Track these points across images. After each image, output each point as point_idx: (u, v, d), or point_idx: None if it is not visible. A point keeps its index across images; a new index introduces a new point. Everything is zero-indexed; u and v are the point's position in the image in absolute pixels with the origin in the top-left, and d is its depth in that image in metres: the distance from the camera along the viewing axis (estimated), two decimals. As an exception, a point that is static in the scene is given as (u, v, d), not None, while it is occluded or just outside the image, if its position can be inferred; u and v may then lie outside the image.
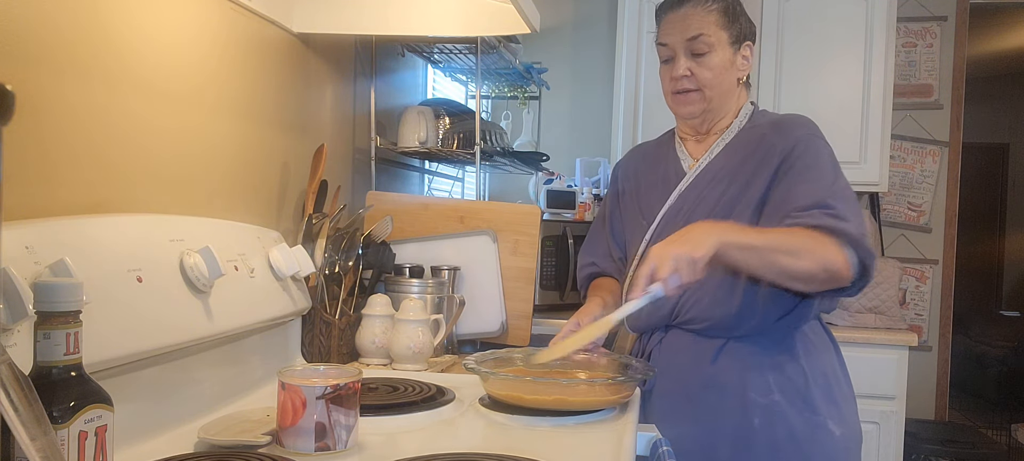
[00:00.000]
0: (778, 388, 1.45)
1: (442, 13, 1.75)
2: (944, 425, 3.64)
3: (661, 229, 1.54)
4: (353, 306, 1.76)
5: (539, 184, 3.16)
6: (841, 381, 1.54)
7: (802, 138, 1.47)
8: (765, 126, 1.53)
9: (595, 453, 1.13)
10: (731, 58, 1.53)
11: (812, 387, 1.47)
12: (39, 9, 1.00)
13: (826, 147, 1.49)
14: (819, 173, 1.43)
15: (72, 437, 0.73)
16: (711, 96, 1.53)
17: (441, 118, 2.38)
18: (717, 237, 1.28)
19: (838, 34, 3.08)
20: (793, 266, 1.34)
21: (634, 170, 1.70)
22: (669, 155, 1.63)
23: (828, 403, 1.48)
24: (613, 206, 1.71)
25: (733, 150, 1.54)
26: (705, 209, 1.50)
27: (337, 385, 1.03)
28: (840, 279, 1.37)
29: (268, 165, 1.63)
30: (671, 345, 1.53)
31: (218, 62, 1.42)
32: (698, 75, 1.51)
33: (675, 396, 1.50)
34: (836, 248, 1.35)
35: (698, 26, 1.50)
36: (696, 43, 1.50)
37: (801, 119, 1.54)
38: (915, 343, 2.84)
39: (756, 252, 1.33)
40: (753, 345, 1.48)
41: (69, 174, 1.06)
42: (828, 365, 1.52)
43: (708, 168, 1.55)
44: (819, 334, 1.55)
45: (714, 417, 1.47)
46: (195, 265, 1.17)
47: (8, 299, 0.81)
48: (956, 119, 3.68)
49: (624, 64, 3.24)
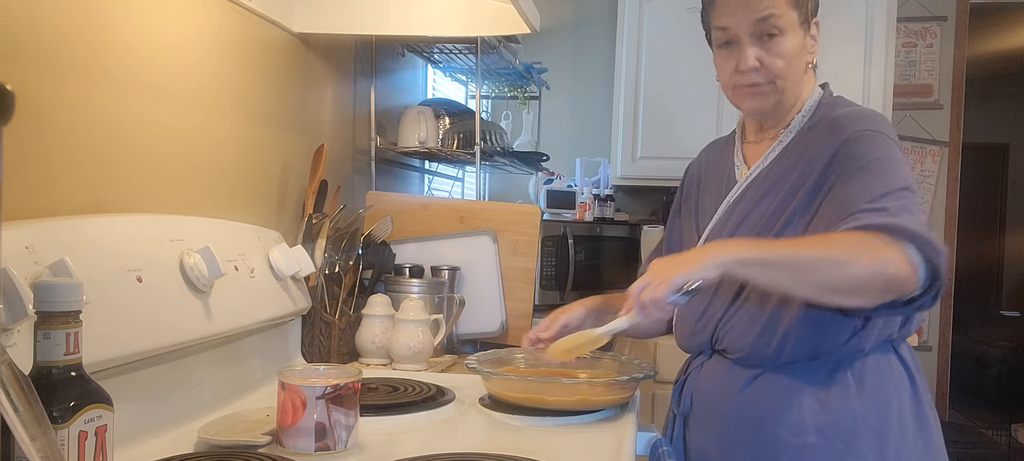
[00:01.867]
0: (816, 428, 1.22)
1: (442, 13, 1.75)
2: (944, 425, 3.63)
3: (707, 243, 1.36)
4: (353, 306, 1.76)
5: (539, 184, 3.17)
6: (907, 426, 1.26)
7: (852, 137, 1.23)
8: (822, 125, 1.30)
9: (595, 453, 1.13)
10: (802, 41, 1.29)
11: (861, 429, 1.22)
12: (39, 9, 1.00)
13: (885, 141, 1.22)
14: (869, 172, 1.19)
15: (72, 437, 0.73)
16: (784, 87, 1.29)
17: (441, 118, 2.38)
18: (726, 256, 1.09)
19: (838, 34, 3.08)
20: (837, 276, 1.09)
21: (698, 173, 1.50)
22: (727, 159, 1.43)
23: (881, 451, 1.22)
24: (675, 211, 1.53)
25: (789, 154, 1.32)
26: (752, 223, 1.30)
27: (337, 385, 1.03)
28: (903, 286, 1.10)
29: (268, 165, 1.63)
30: (709, 372, 1.35)
31: (218, 62, 1.42)
32: (769, 65, 1.27)
33: (706, 427, 1.34)
34: (892, 247, 1.09)
35: (768, 5, 1.24)
36: (766, 24, 1.25)
37: (862, 114, 1.29)
38: (915, 343, 2.84)
39: (785, 267, 1.10)
40: (792, 376, 1.25)
41: (69, 174, 1.06)
42: (894, 405, 1.25)
43: (760, 176, 1.33)
44: (889, 365, 1.28)
45: (740, 452, 1.28)
46: (195, 265, 1.17)
47: (8, 299, 0.81)
48: (956, 119, 3.68)
49: (624, 64, 3.24)
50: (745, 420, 1.27)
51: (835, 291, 1.11)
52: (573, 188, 3.11)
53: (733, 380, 1.29)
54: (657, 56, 3.19)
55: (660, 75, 3.19)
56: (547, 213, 2.89)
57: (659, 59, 3.18)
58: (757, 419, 1.26)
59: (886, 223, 1.10)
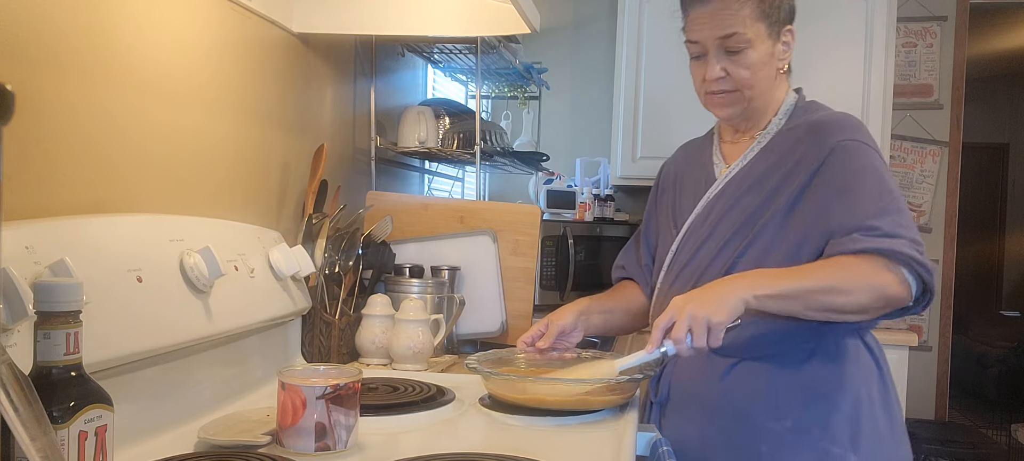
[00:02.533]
0: (793, 414, 1.31)
1: (442, 13, 1.75)
2: (944, 425, 3.64)
3: (686, 239, 1.44)
4: (353, 306, 1.76)
5: (539, 184, 3.17)
6: (877, 412, 1.34)
7: (838, 147, 1.31)
8: (802, 128, 1.38)
9: (595, 453, 1.13)
10: (771, 50, 1.36)
11: (835, 415, 1.30)
12: (39, 9, 1.00)
13: (868, 152, 1.32)
14: (858, 187, 1.28)
15: (72, 437, 0.73)
16: (751, 95, 1.38)
17: (441, 118, 2.38)
18: (744, 293, 1.17)
19: (838, 34, 3.08)
20: (842, 303, 1.21)
21: (675, 171, 1.57)
22: (705, 157, 1.50)
23: (854, 437, 1.30)
24: (651, 208, 1.61)
25: (767, 154, 1.40)
26: (731, 220, 1.38)
27: (337, 385, 1.03)
28: (899, 303, 1.25)
29: (268, 165, 1.63)
30: (687, 361, 1.37)
31: (218, 62, 1.42)
32: (735, 75, 1.35)
33: (684, 413, 1.42)
34: (887, 272, 1.22)
35: (731, 23, 1.32)
36: (730, 40, 1.33)
37: (843, 121, 1.37)
38: (915, 343, 2.84)
39: (796, 298, 1.21)
40: (770, 364, 1.34)
41: (69, 174, 1.06)
42: (864, 391, 1.34)
43: (739, 175, 1.41)
44: (858, 353, 1.36)
45: (721, 439, 1.35)
46: (195, 265, 1.17)
47: (8, 299, 0.81)
48: (956, 119, 3.68)
49: (624, 64, 3.24)
50: (726, 407, 1.34)
51: (840, 313, 1.23)
52: (573, 188, 3.11)
53: (713, 369, 1.36)
54: (657, 56, 3.19)
55: (660, 75, 3.19)
56: (547, 213, 2.89)
57: (659, 59, 3.19)
58: (738, 406, 1.33)
59: (883, 248, 1.22)
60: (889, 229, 1.24)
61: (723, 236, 1.40)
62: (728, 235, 1.39)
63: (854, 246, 1.23)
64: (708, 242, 1.42)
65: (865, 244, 1.22)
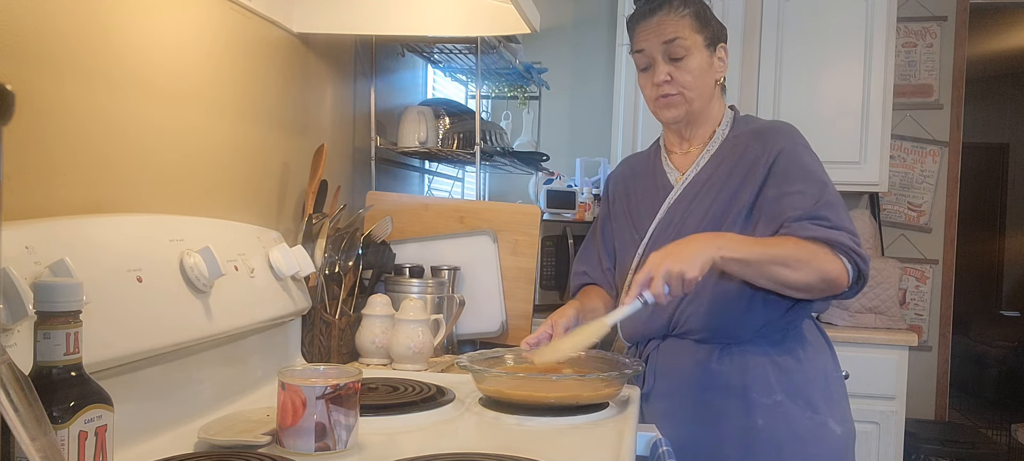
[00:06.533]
0: (780, 388, 1.49)
1: (442, 13, 1.75)
2: (944, 425, 3.63)
3: (653, 242, 1.57)
4: (353, 306, 1.76)
5: (539, 184, 3.16)
6: (837, 380, 1.58)
7: (786, 148, 1.51)
8: (747, 135, 1.57)
9: (595, 453, 1.13)
10: (709, 60, 1.56)
11: (812, 386, 1.51)
12: (39, 9, 1.00)
13: (810, 154, 1.53)
14: (806, 182, 1.47)
15: (72, 437, 0.73)
16: (693, 97, 1.55)
17: (441, 118, 2.38)
18: (712, 252, 1.32)
19: (838, 34, 3.08)
20: (791, 277, 1.39)
21: (624, 183, 1.72)
22: (656, 168, 1.66)
23: (827, 402, 1.52)
24: (605, 218, 1.74)
25: (718, 160, 1.57)
26: (695, 221, 1.53)
27: (337, 385, 1.03)
28: (838, 287, 1.43)
29: (268, 165, 1.63)
30: (670, 349, 1.56)
31: (218, 62, 1.42)
32: (678, 78, 1.54)
33: (676, 398, 1.52)
34: (832, 258, 1.40)
35: (673, 30, 1.52)
36: (673, 47, 1.52)
37: (782, 127, 1.58)
38: (915, 343, 2.84)
39: (753, 265, 1.38)
40: (753, 346, 1.51)
41: (69, 174, 1.06)
42: (824, 365, 1.57)
43: (695, 180, 1.58)
44: (815, 334, 1.59)
45: (718, 419, 1.49)
46: (195, 265, 1.17)
47: (8, 299, 0.81)
48: (956, 119, 3.67)
49: (624, 64, 3.24)
50: (719, 388, 1.50)
51: (790, 288, 1.42)
52: (573, 188, 3.10)
53: (701, 356, 1.52)
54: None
55: (660, 75, 3.18)
56: (547, 213, 2.89)
57: (659, 59, 3.18)
58: (733, 386, 1.49)
59: (830, 238, 1.41)
60: (835, 221, 1.43)
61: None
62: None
63: (805, 232, 1.41)
64: None
65: (815, 232, 1.41)
